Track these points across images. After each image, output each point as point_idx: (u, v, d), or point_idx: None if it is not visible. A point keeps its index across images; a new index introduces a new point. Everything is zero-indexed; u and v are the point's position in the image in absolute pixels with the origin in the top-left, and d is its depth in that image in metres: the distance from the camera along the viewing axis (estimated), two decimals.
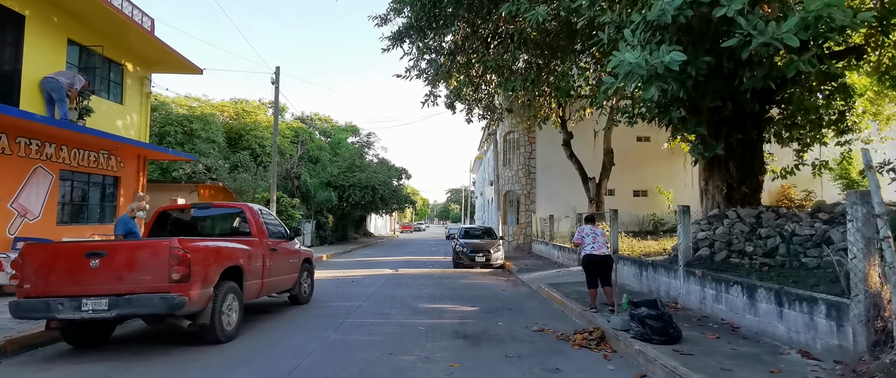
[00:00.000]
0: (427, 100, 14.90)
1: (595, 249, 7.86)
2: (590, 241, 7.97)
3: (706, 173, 10.55)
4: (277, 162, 27.82)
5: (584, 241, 8.06)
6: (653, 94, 5.35)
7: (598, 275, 7.88)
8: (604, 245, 7.91)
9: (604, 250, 7.86)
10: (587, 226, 8.26)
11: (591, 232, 8.05)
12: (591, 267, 7.90)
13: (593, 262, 7.86)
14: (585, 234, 8.08)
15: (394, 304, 9.18)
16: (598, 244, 7.89)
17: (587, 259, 7.94)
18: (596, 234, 7.99)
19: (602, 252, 7.83)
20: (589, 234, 8.04)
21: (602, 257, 7.81)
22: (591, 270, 7.92)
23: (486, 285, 12.28)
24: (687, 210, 8.18)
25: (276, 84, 16.51)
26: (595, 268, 7.87)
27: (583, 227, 8.30)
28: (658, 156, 24.09)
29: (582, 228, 8.27)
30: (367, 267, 16.87)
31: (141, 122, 12.96)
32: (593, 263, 7.87)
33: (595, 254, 7.85)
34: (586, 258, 7.95)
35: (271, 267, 7.65)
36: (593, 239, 7.95)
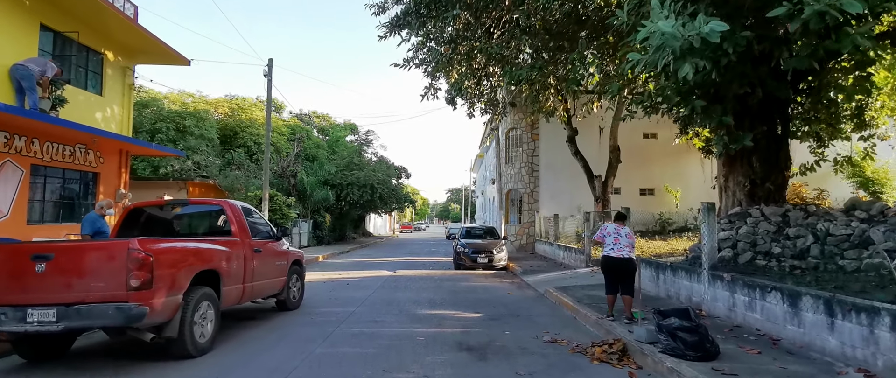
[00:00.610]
0: (427, 93, 14.19)
1: (615, 251, 7.12)
2: (611, 241, 7.23)
3: (726, 169, 9.82)
4: (274, 160, 27.18)
5: (604, 241, 7.33)
6: (687, 71, 4.62)
7: (618, 280, 7.15)
8: (627, 247, 7.16)
9: (626, 253, 7.11)
10: (612, 224, 7.51)
11: (614, 231, 7.30)
12: (611, 270, 7.17)
13: (612, 265, 7.13)
14: (607, 233, 7.35)
15: (390, 311, 8.44)
16: (620, 246, 7.14)
17: (605, 261, 7.22)
18: (620, 235, 7.24)
19: (623, 254, 7.09)
20: (611, 233, 7.30)
21: (622, 261, 7.07)
22: (611, 274, 7.19)
23: (489, 288, 11.55)
24: (712, 207, 7.44)
25: (268, 77, 15.80)
26: (615, 271, 7.14)
27: (606, 225, 7.56)
28: (665, 153, 23.36)
29: (605, 226, 7.54)
30: (364, 268, 16.14)
31: (123, 114, 12.22)
32: (612, 266, 7.14)
33: (614, 256, 7.12)
34: (605, 260, 7.24)
35: (255, 270, 6.92)
36: (615, 239, 7.21)
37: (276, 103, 36.95)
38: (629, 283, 7.10)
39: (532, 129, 23.29)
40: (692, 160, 23.37)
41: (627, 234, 7.28)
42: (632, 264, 7.12)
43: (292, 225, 22.95)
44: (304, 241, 25.50)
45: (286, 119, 36.28)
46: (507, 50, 11.83)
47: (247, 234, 6.89)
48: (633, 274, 7.10)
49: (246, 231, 6.89)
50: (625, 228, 7.36)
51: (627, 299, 7.07)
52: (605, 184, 19.33)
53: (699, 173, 23.35)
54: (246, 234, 6.86)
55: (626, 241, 7.19)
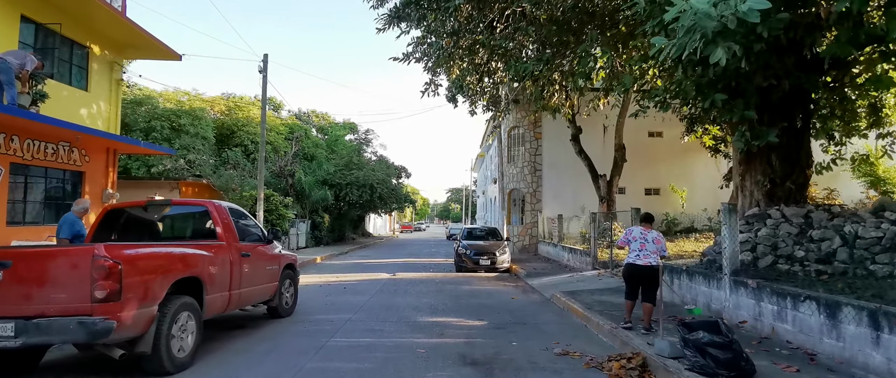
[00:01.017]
0: (427, 89, 13.69)
1: (641, 258, 6.61)
2: (636, 247, 6.72)
3: (743, 167, 9.31)
4: (271, 159, 26.69)
5: (629, 246, 6.83)
6: (719, 56, 4.11)
7: (639, 287, 6.66)
8: (653, 253, 6.65)
9: (651, 260, 6.60)
10: (637, 228, 6.99)
11: (640, 235, 6.79)
12: (634, 277, 6.68)
13: (635, 272, 6.63)
14: (633, 238, 6.83)
15: (389, 318, 7.94)
16: (645, 252, 6.63)
17: (629, 269, 6.72)
18: (646, 239, 6.73)
19: (647, 262, 6.58)
20: (638, 238, 6.78)
21: (646, 268, 6.55)
22: (633, 281, 6.70)
23: (492, 293, 11.05)
24: (733, 209, 6.94)
25: (263, 73, 15.30)
26: (638, 279, 6.65)
27: (632, 229, 7.05)
28: (671, 152, 22.88)
29: (631, 230, 7.02)
30: (362, 270, 15.64)
31: (110, 111, 11.72)
32: (635, 274, 6.64)
33: (638, 263, 6.60)
34: (628, 268, 6.73)
35: (243, 276, 6.42)
36: (642, 245, 6.70)
37: (274, 102, 36.50)
38: (652, 290, 6.61)
39: (535, 128, 22.80)
40: (699, 159, 22.87)
41: (655, 239, 6.77)
42: (657, 272, 6.62)
43: (289, 226, 22.45)
44: (302, 241, 25.01)
45: (285, 118, 35.79)
46: (511, 43, 11.34)
47: (234, 236, 6.40)
48: (657, 282, 6.61)
49: (233, 234, 6.39)
50: (652, 232, 6.85)
51: (647, 307, 6.57)
52: (610, 183, 18.84)
53: (706, 173, 22.85)
54: (233, 237, 6.37)
55: (652, 247, 6.68)
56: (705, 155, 21.98)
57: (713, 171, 22.75)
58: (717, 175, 22.47)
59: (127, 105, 21.69)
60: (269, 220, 17.53)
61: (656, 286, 6.51)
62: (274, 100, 36.61)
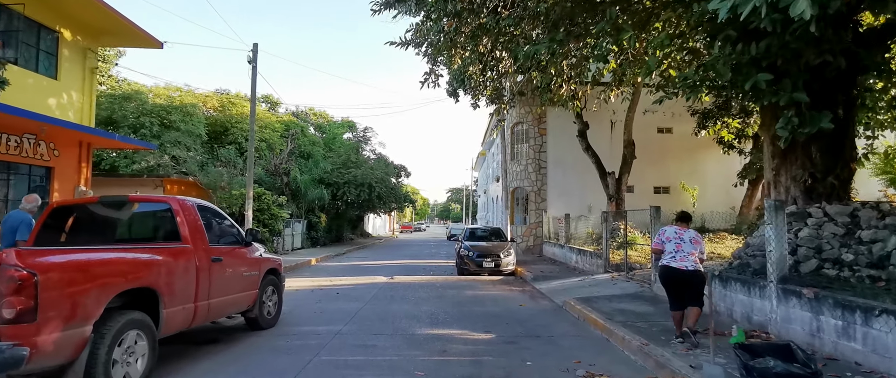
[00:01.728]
0: (427, 79, 12.78)
1: (677, 260, 5.76)
2: (672, 248, 5.87)
3: (777, 161, 8.42)
4: (265, 158, 25.79)
5: (664, 248, 5.97)
6: (802, 8, 3.20)
7: (682, 294, 5.79)
8: (691, 255, 5.80)
9: (690, 263, 5.75)
10: (671, 227, 6.14)
11: (675, 236, 5.95)
12: (672, 283, 5.82)
13: (673, 277, 5.78)
14: (667, 239, 5.99)
15: (384, 330, 7.04)
16: (682, 253, 5.78)
17: (665, 272, 5.86)
18: (682, 240, 5.87)
19: (686, 266, 5.73)
20: (673, 238, 5.94)
21: (686, 273, 5.71)
22: (673, 288, 5.85)
23: (498, 299, 10.15)
24: (780, 206, 6.03)
25: (253, 63, 14.40)
26: (677, 285, 5.79)
27: (665, 229, 6.18)
28: (681, 149, 22.00)
29: (664, 230, 6.16)
30: (358, 273, 14.74)
31: (83, 102, 10.81)
32: (674, 279, 5.79)
33: (675, 266, 5.75)
34: (664, 271, 5.89)
35: (213, 284, 5.52)
36: (677, 246, 5.84)
37: (270, 100, 35.61)
38: (695, 295, 5.75)
39: (539, 124, 21.90)
40: (710, 156, 21.97)
41: (692, 239, 5.90)
42: (698, 276, 5.75)
43: (284, 226, 21.55)
44: (298, 242, 24.11)
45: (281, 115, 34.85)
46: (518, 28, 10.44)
47: (202, 238, 5.49)
48: (700, 286, 5.75)
49: (201, 235, 5.49)
50: (689, 232, 5.98)
51: (693, 311, 5.73)
52: (618, 181, 17.94)
53: (717, 170, 21.95)
54: (201, 239, 5.47)
55: (690, 247, 5.82)
56: (717, 152, 21.10)
57: (725, 168, 21.84)
58: (729, 173, 21.56)
59: (114, 100, 20.81)
60: (260, 220, 16.64)
61: (699, 290, 5.69)
62: (270, 97, 35.74)
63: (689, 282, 5.70)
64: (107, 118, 19.93)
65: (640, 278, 10.76)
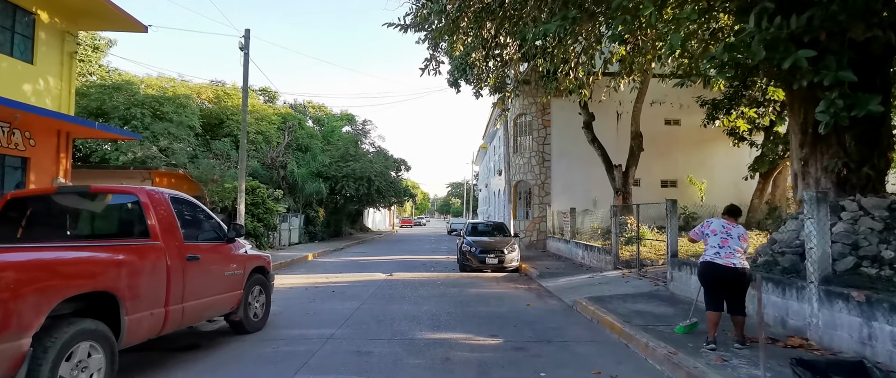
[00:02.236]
0: (427, 65, 12.13)
1: (722, 256, 5.23)
2: (715, 242, 5.33)
3: (806, 151, 7.79)
4: (261, 151, 25.16)
5: (706, 241, 5.43)
6: None
7: (724, 295, 5.23)
8: (738, 252, 5.25)
9: (737, 260, 5.21)
10: (718, 220, 5.59)
11: (721, 229, 5.40)
12: (714, 281, 5.30)
13: (717, 274, 5.24)
14: (711, 231, 5.45)
15: (381, 334, 6.44)
16: (727, 250, 5.23)
17: (707, 269, 5.32)
18: (728, 235, 5.33)
19: (734, 263, 5.19)
20: (718, 231, 5.39)
21: (732, 271, 5.16)
22: (714, 287, 5.30)
23: (503, 297, 9.56)
24: (822, 198, 5.42)
25: (245, 50, 13.75)
26: (720, 284, 5.25)
27: (710, 221, 5.63)
28: (689, 141, 21.37)
29: (709, 222, 5.61)
30: (356, 270, 14.14)
31: (62, 88, 10.18)
32: (716, 277, 5.26)
33: (719, 263, 5.21)
34: (706, 268, 5.34)
35: (188, 285, 4.92)
36: (722, 240, 5.30)
37: (268, 93, 34.91)
38: (739, 298, 5.23)
39: (543, 115, 21.25)
40: (718, 149, 21.35)
41: (740, 236, 5.34)
42: (745, 276, 5.19)
43: (281, 220, 20.97)
44: (295, 237, 23.55)
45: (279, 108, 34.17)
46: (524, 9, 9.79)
47: (176, 234, 4.89)
48: (745, 288, 5.20)
49: (174, 231, 4.88)
50: (737, 228, 5.42)
51: (738, 320, 5.21)
52: (625, 174, 17.32)
53: (726, 163, 21.33)
54: (174, 236, 4.86)
55: (737, 244, 5.27)
56: (726, 144, 20.46)
57: (734, 161, 21.21)
58: (738, 166, 20.92)
59: (104, 91, 20.17)
60: (254, 215, 16.04)
61: (743, 293, 5.18)
62: (268, 90, 35.04)
63: (735, 281, 5.17)
64: (96, 109, 19.29)
65: (654, 276, 10.18)
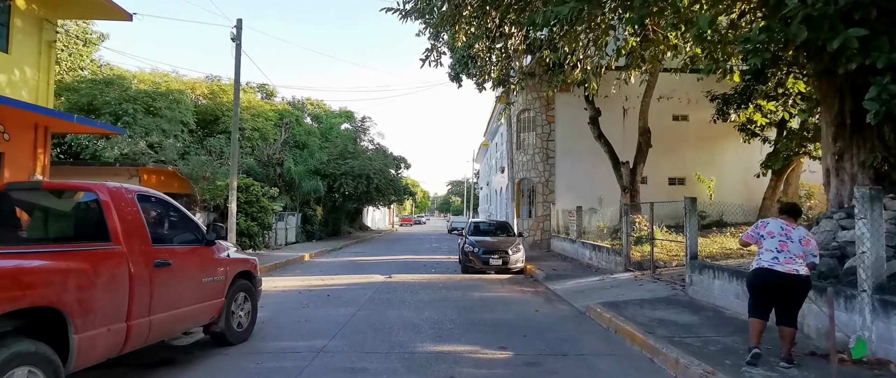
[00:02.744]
0: (428, 56, 11.48)
1: (780, 262, 4.59)
2: (773, 246, 4.69)
3: (840, 144, 7.20)
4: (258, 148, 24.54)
5: (761, 243, 4.80)
6: None
7: (775, 303, 4.62)
8: (798, 257, 4.60)
9: (796, 266, 4.57)
10: (775, 220, 4.94)
11: (779, 231, 4.75)
12: (768, 290, 4.67)
13: (772, 282, 4.61)
14: (769, 232, 4.80)
15: (378, 346, 5.84)
16: (788, 254, 4.60)
17: (761, 276, 4.68)
18: (788, 238, 4.68)
19: (795, 270, 4.56)
20: (777, 234, 4.74)
21: (794, 280, 4.54)
22: (765, 295, 4.70)
23: (509, 302, 8.95)
24: (877, 196, 4.77)
25: (237, 41, 13.13)
26: (774, 292, 4.64)
27: (766, 222, 4.98)
28: (698, 137, 20.77)
29: (765, 222, 4.96)
30: (353, 271, 13.54)
31: (40, 79, 9.56)
32: (771, 284, 4.62)
33: (776, 269, 4.58)
34: (760, 274, 4.70)
35: (157, 295, 4.32)
36: (780, 244, 4.66)
37: (266, 89, 34.26)
38: (794, 309, 4.63)
39: (547, 111, 20.62)
40: (728, 146, 20.74)
41: (802, 239, 4.69)
42: (806, 285, 4.57)
43: (276, 219, 20.36)
44: (292, 236, 22.95)
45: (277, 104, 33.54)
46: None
47: (142, 237, 4.28)
48: (803, 299, 4.59)
49: (140, 233, 4.27)
50: (798, 229, 4.76)
51: (788, 333, 4.59)
52: (633, 171, 16.70)
53: (736, 160, 20.73)
54: (140, 239, 4.25)
55: (798, 248, 4.62)
56: (735, 141, 19.84)
57: (744, 158, 20.60)
58: (748, 163, 20.29)
59: (95, 86, 19.56)
60: (248, 213, 15.43)
61: (800, 303, 4.57)
62: (266, 87, 34.41)
63: (794, 290, 4.55)
64: (87, 104, 18.68)
65: (669, 279, 9.57)
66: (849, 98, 6.98)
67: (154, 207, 4.74)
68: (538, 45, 15.06)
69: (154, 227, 4.57)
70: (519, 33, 12.24)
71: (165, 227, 4.89)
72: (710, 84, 18.08)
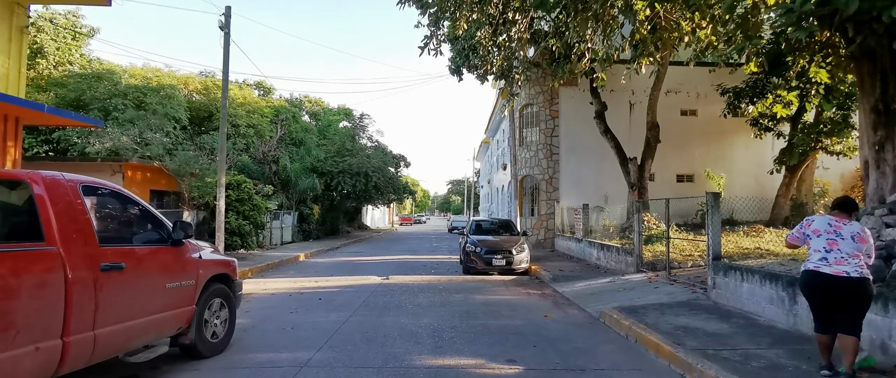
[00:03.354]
0: (427, 43, 10.81)
1: (831, 263, 3.98)
2: (819, 245, 4.09)
3: (881, 134, 6.52)
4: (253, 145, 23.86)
5: (809, 243, 4.16)
6: None
7: (834, 310, 3.97)
8: (853, 258, 3.96)
9: (851, 268, 3.94)
10: (823, 217, 4.30)
11: (829, 229, 4.13)
12: (822, 296, 4.05)
13: (825, 287, 4.00)
14: (814, 232, 4.20)
15: (370, 358, 5.16)
16: (839, 254, 3.98)
17: (811, 279, 4.08)
18: (838, 235, 4.07)
19: (847, 272, 3.94)
20: (824, 232, 4.13)
21: (847, 283, 3.91)
22: (821, 301, 4.08)
23: (515, 306, 8.27)
24: None
25: (226, 29, 12.45)
26: (829, 297, 4.02)
27: (813, 219, 4.36)
28: (707, 133, 20.10)
29: (811, 220, 4.34)
30: (349, 272, 12.86)
31: (10, 67, 8.88)
32: (824, 290, 4.00)
33: (824, 271, 3.98)
34: (809, 278, 4.10)
35: (105, 303, 3.65)
36: (829, 242, 4.05)
37: (263, 86, 33.59)
38: (854, 315, 3.97)
39: (551, 106, 19.95)
40: (738, 141, 20.10)
41: (856, 236, 4.05)
42: (864, 288, 3.91)
43: (272, 218, 19.70)
44: (288, 236, 22.28)
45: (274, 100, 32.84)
46: None
47: (85, 236, 3.61)
48: (865, 303, 3.93)
49: (83, 232, 3.60)
50: (851, 225, 4.11)
51: (849, 342, 3.93)
52: (641, 167, 16.03)
53: (746, 157, 20.10)
54: (82, 238, 3.58)
55: (851, 247, 4.00)
56: (746, 136, 19.18)
57: (755, 154, 19.96)
58: (760, 159, 19.66)
59: (84, 80, 18.90)
60: (240, 212, 14.76)
61: (861, 309, 3.93)
62: (263, 84, 33.75)
63: (849, 295, 3.91)
64: (75, 99, 18.04)
65: (687, 280, 8.89)
66: (893, 82, 6.31)
67: (106, 202, 4.07)
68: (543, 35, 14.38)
69: (104, 225, 3.91)
70: (524, 21, 11.56)
71: (120, 225, 4.22)
72: (720, 77, 17.42)
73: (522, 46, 13.60)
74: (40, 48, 20.40)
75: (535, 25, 13.59)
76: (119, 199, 4.27)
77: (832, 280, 3.91)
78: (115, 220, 4.19)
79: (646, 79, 16.02)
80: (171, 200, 15.26)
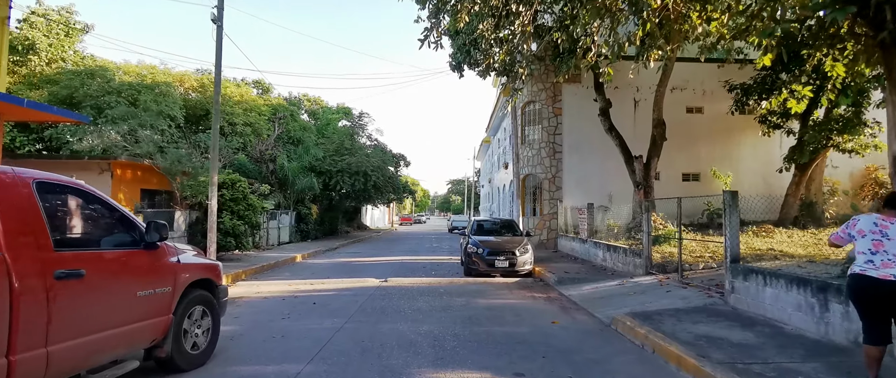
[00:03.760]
0: (427, 36, 10.33)
1: (876, 265, 3.60)
2: (865, 246, 3.70)
3: None
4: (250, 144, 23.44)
5: (855, 245, 3.76)
6: None
7: (885, 318, 3.57)
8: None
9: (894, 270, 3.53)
10: (869, 216, 3.87)
11: (872, 228, 3.73)
12: (870, 302, 3.63)
13: (873, 293, 3.60)
14: (859, 231, 3.80)
15: (365, 370, 4.72)
16: (883, 256, 3.62)
17: (859, 284, 3.67)
18: (884, 235, 3.69)
19: (888, 274, 3.53)
20: (869, 232, 3.73)
21: (885, 284, 3.52)
22: (869, 309, 3.65)
23: (521, 312, 7.82)
24: None
25: (218, 23, 12.00)
26: (877, 305, 3.59)
27: (858, 219, 3.96)
28: (713, 131, 19.65)
29: (856, 220, 3.93)
30: (346, 274, 12.41)
31: None
32: (872, 296, 3.60)
33: (871, 275, 3.58)
34: (856, 282, 3.68)
35: (60, 316, 3.21)
36: (874, 243, 3.68)
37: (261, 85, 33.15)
38: None
39: (554, 103, 19.50)
40: (745, 139, 19.64)
41: None
42: None
43: (268, 218, 19.26)
44: (285, 236, 21.85)
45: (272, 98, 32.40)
46: None
47: (37, 240, 3.16)
48: None
49: (34, 234, 3.16)
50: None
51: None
52: (647, 166, 15.58)
53: (754, 155, 19.65)
54: (33, 242, 3.14)
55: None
56: (753, 134, 18.75)
57: (762, 152, 19.52)
58: (767, 157, 19.22)
59: (77, 77, 18.49)
60: (234, 211, 14.32)
61: None
62: (262, 82, 33.31)
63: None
64: (67, 97, 17.63)
65: (701, 283, 8.45)
66: None
67: (65, 201, 3.63)
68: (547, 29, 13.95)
69: (63, 227, 3.47)
70: (528, 13, 11.12)
71: (84, 227, 3.78)
72: (727, 73, 16.99)
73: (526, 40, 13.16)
74: (32, 45, 19.99)
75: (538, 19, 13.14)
76: (83, 198, 3.83)
77: (879, 284, 3.50)
78: (78, 221, 3.75)
79: (651, 76, 15.60)
80: (162, 200, 14.82)
